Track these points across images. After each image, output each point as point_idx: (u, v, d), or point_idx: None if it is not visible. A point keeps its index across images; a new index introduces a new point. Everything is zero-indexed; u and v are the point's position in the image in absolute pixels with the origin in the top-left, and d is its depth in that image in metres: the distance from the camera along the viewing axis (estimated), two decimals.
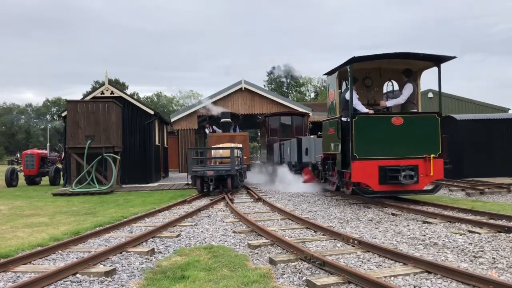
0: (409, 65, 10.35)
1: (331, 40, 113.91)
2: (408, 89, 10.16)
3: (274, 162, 20.02)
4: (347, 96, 9.87)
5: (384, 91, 11.44)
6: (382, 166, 9.29)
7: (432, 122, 9.64)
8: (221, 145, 16.26)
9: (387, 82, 11.43)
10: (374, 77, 11.34)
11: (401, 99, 10.19)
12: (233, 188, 13.42)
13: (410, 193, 9.73)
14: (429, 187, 10.09)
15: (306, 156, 15.12)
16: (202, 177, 13.30)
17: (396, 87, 11.18)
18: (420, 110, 10.46)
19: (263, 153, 23.03)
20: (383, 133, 9.44)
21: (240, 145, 16.72)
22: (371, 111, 9.98)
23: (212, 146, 16.78)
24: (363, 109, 9.96)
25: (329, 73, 11.09)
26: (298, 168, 15.56)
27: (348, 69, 9.64)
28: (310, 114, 24.54)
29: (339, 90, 10.63)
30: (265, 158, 22.09)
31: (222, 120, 21.08)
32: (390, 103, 10.33)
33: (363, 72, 10.99)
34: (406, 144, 9.44)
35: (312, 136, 15.53)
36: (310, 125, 22.06)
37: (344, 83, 11.08)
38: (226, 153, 14.56)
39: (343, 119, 9.98)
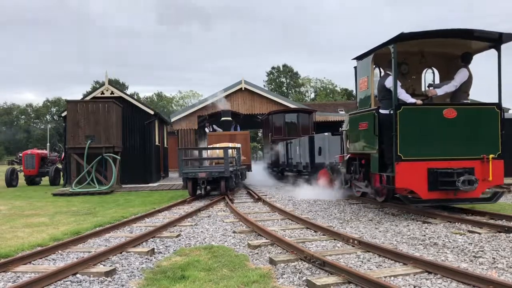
0: (458, 48, 8.86)
1: (330, 41, 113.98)
2: (462, 74, 8.58)
3: (279, 163, 19.05)
4: (388, 83, 8.27)
5: (422, 79, 9.88)
6: (432, 168, 7.77)
7: (491, 115, 8.08)
8: (217, 145, 15.63)
9: (425, 70, 9.81)
10: (412, 63, 9.55)
11: (453, 85, 8.56)
12: (227, 191, 12.52)
13: (465, 201, 8.15)
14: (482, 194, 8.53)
15: (319, 156, 13.33)
16: (195, 179, 12.49)
17: (437, 76, 9.77)
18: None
19: (266, 154, 21.93)
20: (433, 128, 7.89)
21: (239, 145, 16.14)
22: (419, 101, 8.32)
23: (203, 146, 16.44)
24: (408, 98, 8.22)
25: (360, 57, 9.31)
26: (309, 170, 13.81)
27: (392, 50, 7.99)
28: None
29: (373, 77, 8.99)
30: (269, 158, 20.91)
31: (223, 118, 20.57)
32: (441, 90, 8.68)
33: (400, 56, 8.95)
34: (460, 142, 7.93)
35: (326, 134, 13.83)
36: None
37: (377, 70, 9.52)
38: (221, 153, 13.57)
39: (382, 111, 8.31)
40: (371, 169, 8.74)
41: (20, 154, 22.41)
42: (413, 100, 8.24)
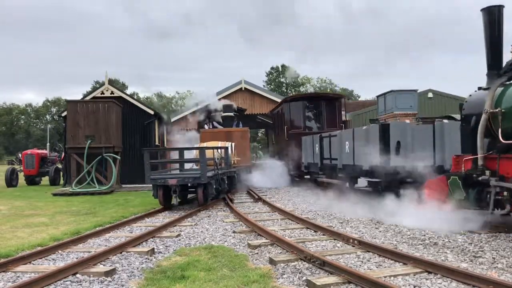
0: None
1: (329, 41, 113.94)
2: None
3: (302, 166, 15.21)
4: None
5: None
6: None
7: None
8: (205, 144, 13.55)
9: None
10: None
11: None
12: (206, 201, 10.38)
13: None
14: None
15: (396, 156, 8.68)
16: (166, 186, 10.14)
17: None
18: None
19: (280, 153, 18.17)
20: None
21: (228, 143, 13.88)
22: None
23: (169, 147, 15.04)
24: None
25: None
26: (381, 178, 8.97)
27: None
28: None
29: None
30: (285, 159, 16.81)
31: (223, 114, 19.15)
32: None
33: None
34: None
35: (408, 121, 9.66)
36: None
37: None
38: (209, 153, 11.24)
39: None
40: None
41: (20, 154, 22.41)
42: None
